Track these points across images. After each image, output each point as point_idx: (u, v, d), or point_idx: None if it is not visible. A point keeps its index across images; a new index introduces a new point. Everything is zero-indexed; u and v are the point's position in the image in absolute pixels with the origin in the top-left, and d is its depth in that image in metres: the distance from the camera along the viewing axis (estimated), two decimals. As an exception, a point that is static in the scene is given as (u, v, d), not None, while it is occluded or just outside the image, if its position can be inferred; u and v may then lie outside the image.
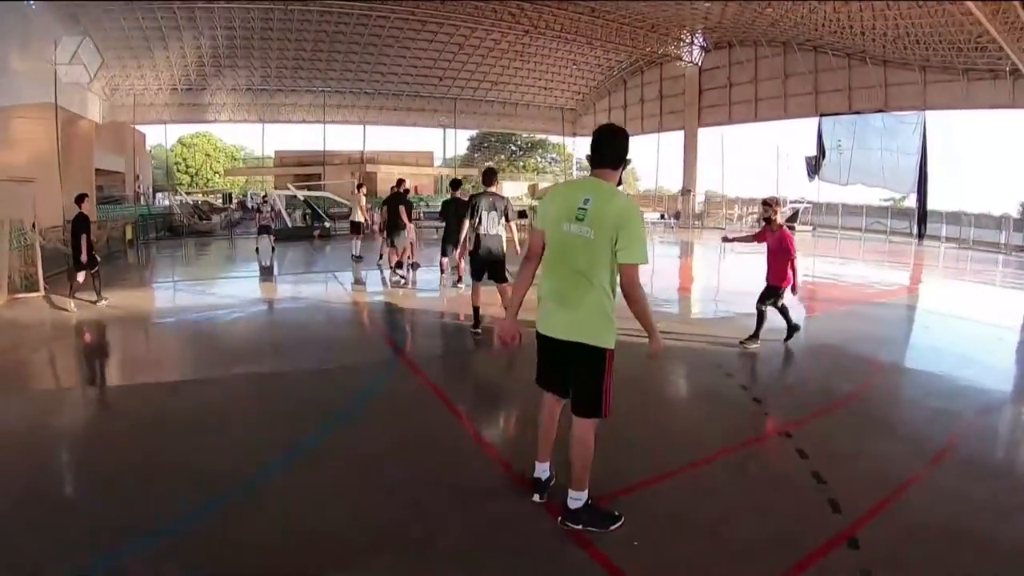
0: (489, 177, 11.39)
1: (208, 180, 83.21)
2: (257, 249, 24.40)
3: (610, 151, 4.76)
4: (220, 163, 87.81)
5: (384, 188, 46.93)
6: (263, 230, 24.68)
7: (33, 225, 15.80)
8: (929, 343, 12.09)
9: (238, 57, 52.28)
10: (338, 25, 48.07)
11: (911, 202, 41.64)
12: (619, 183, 4.85)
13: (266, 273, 20.77)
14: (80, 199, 13.70)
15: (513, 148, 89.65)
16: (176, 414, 7.43)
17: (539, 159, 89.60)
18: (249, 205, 58.00)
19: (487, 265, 10.98)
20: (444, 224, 16.05)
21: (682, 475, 5.92)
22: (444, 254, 16.03)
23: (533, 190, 68.22)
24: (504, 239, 11.17)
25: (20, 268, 15.45)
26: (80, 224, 13.52)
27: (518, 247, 10.96)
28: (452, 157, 69.68)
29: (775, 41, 46.46)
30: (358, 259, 21.95)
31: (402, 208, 17.34)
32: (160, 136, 61.73)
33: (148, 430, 6.90)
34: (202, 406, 7.73)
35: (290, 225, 32.22)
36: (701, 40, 52.31)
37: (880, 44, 38.27)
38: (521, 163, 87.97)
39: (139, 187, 46.75)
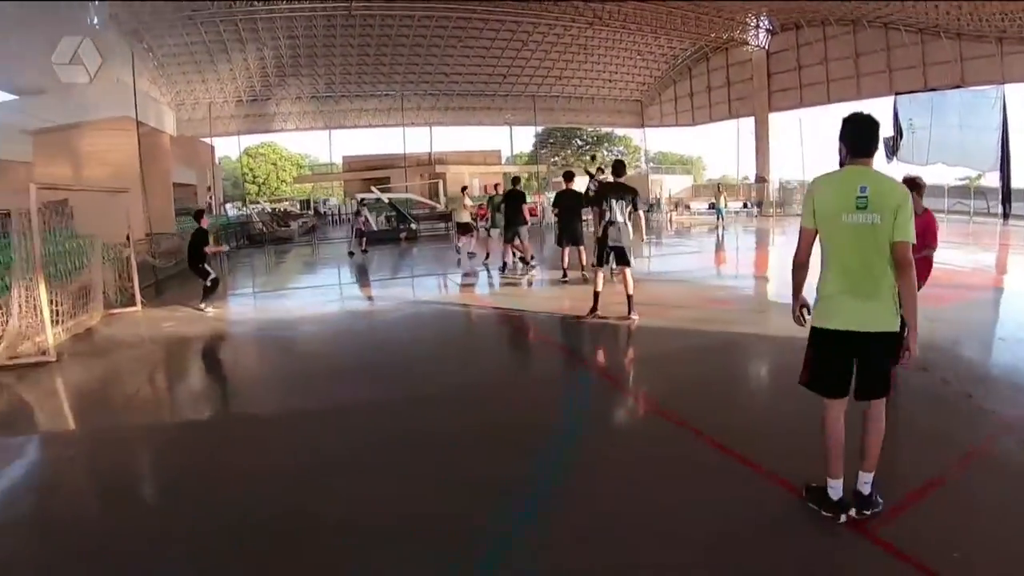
0: (619, 169, 11.96)
1: (275, 189, 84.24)
2: (351, 252, 24.74)
3: (871, 140, 4.69)
4: (286, 172, 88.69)
5: (454, 189, 47.06)
6: (359, 234, 25.59)
7: (127, 238, 15.77)
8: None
9: (302, 66, 52.70)
10: (400, 28, 48.01)
11: (988, 180, 40.04)
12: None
13: (364, 276, 20.81)
14: (199, 215, 14.72)
15: (579, 143, 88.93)
16: (380, 442, 6.65)
17: (605, 153, 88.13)
18: (321, 211, 58.67)
19: (613, 251, 11.17)
20: (556, 216, 16.84)
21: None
22: (561, 244, 16.32)
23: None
24: (631, 227, 11.27)
25: (115, 282, 15.39)
26: (200, 237, 14.27)
27: (644, 235, 12.26)
28: (517, 154, 69.26)
29: (844, 19, 44.68)
30: (471, 255, 22.04)
31: (524, 205, 17.73)
32: (227, 148, 62.52)
33: (355, 466, 6.10)
34: (415, 431, 6.89)
35: (375, 228, 32.27)
36: (767, 23, 50.62)
37: (954, 17, 36.49)
38: (587, 158, 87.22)
39: (210, 198, 47.33)
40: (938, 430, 6.27)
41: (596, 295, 11.56)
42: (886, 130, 42.23)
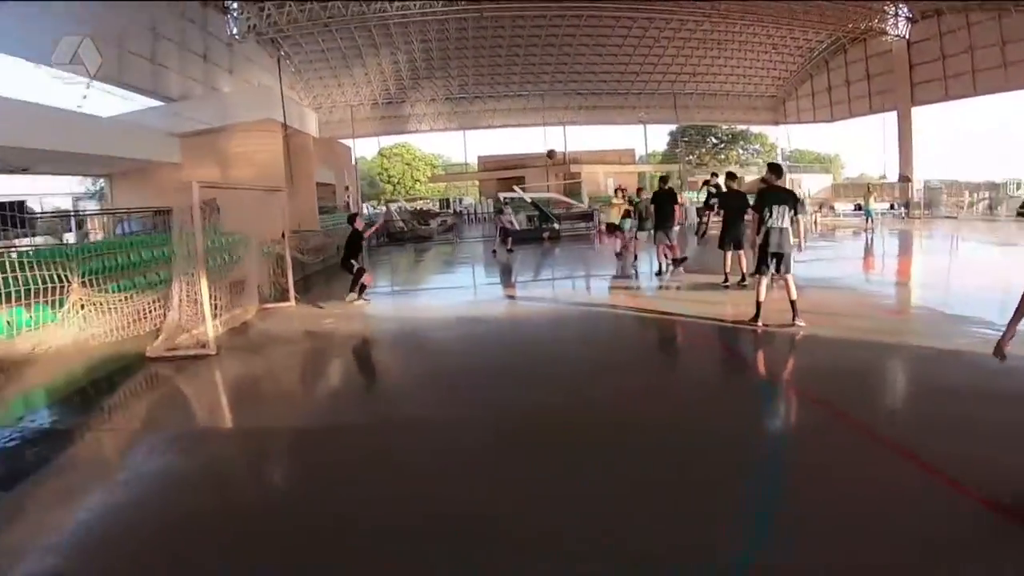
0: (777, 172, 11.56)
1: (409, 188, 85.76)
2: (494, 251, 25.31)
3: None
4: (420, 171, 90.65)
5: (591, 188, 47.16)
6: (504, 233, 25.86)
7: (283, 235, 16.17)
8: None
9: (435, 68, 54.11)
10: (532, 29, 48.58)
11: None
12: None
13: (507, 276, 20.77)
14: (352, 218, 16.21)
15: (713, 140, 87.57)
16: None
17: (741, 151, 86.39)
18: (458, 210, 59.65)
19: (774, 257, 10.78)
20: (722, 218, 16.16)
21: None
22: (723, 248, 15.59)
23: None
24: (791, 232, 10.94)
25: (269, 278, 15.82)
26: (355, 238, 15.42)
27: (803, 241, 11.78)
28: (651, 153, 68.77)
29: (987, 4, 41.64)
30: (618, 256, 21.71)
31: (676, 206, 17.28)
32: (362, 149, 63.94)
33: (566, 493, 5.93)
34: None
35: (517, 228, 32.48)
36: (906, 11, 47.79)
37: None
38: (723, 156, 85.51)
39: (347, 197, 48.45)
40: None
41: (759, 304, 10.98)
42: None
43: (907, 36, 49.49)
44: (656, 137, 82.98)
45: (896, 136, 52.79)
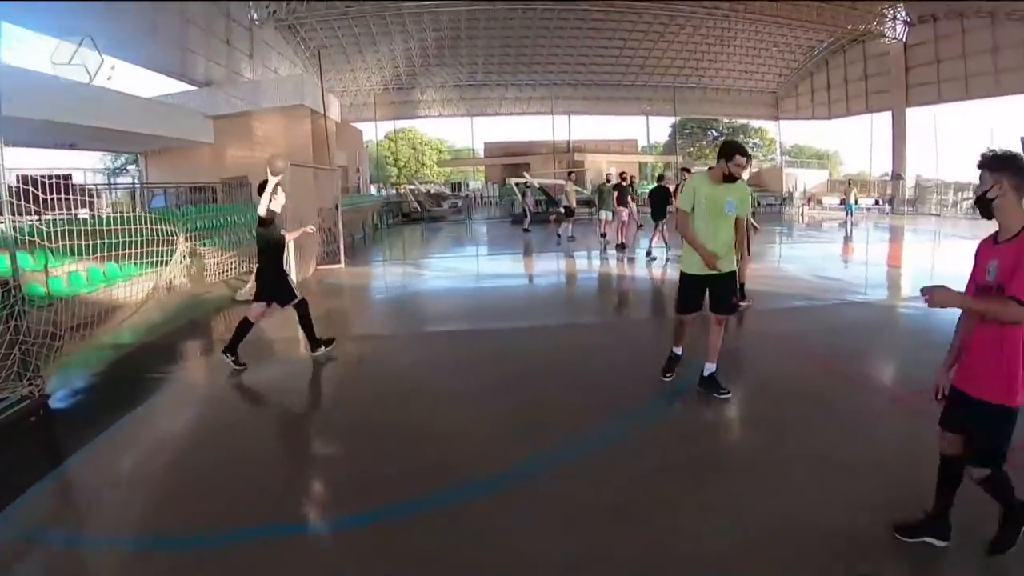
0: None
1: (415, 172, 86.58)
2: (526, 229, 28.60)
3: None
4: (426, 156, 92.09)
5: (594, 176, 48.45)
6: (523, 215, 29.93)
7: (336, 207, 18.28)
8: None
9: (446, 56, 55.30)
10: (541, 20, 49.80)
11: None
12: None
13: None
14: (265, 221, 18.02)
15: (714, 134, 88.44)
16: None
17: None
18: (466, 193, 61.35)
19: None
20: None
21: None
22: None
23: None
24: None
25: (322, 245, 18.15)
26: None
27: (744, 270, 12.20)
28: (654, 144, 70.13)
29: (982, 12, 43.19)
30: (571, 239, 24.17)
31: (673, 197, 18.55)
32: (370, 133, 64.97)
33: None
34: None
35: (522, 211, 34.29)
36: (904, 15, 49.44)
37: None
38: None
39: (358, 179, 50.03)
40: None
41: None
42: (1024, 130, 41.23)
43: (904, 39, 51.02)
44: (659, 129, 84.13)
45: (890, 135, 54.22)
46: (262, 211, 8.41)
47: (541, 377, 8.04)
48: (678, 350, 7.38)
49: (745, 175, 6.97)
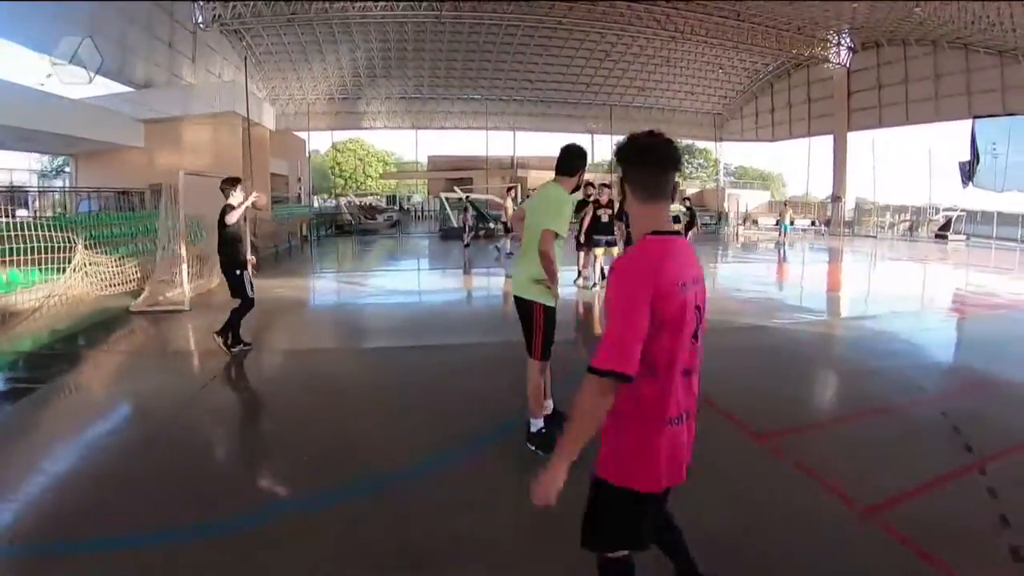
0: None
1: (361, 183, 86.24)
2: (467, 245, 27.67)
3: None
4: (372, 167, 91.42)
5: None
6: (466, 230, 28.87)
7: (244, 219, 18.02)
8: None
9: (392, 67, 55.08)
10: (488, 35, 49.64)
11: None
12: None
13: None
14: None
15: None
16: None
17: (686, 165, 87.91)
18: (405, 207, 61.16)
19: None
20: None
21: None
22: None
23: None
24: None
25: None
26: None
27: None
28: (598, 162, 70.40)
29: (924, 40, 44.37)
30: (509, 256, 23.17)
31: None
32: (316, 143, 64.80)
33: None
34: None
35: (456, 225, 34.03)
36: (848, 41, 50.43)
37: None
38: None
39: (299, 189, 49.79)
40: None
41: None
42: (963, 154, 42.01)
43: (848, 65, 52.10)
44: (606, 146, 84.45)
45: (831, 158, 55.08)
46: (231, 220, 9.93)
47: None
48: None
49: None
